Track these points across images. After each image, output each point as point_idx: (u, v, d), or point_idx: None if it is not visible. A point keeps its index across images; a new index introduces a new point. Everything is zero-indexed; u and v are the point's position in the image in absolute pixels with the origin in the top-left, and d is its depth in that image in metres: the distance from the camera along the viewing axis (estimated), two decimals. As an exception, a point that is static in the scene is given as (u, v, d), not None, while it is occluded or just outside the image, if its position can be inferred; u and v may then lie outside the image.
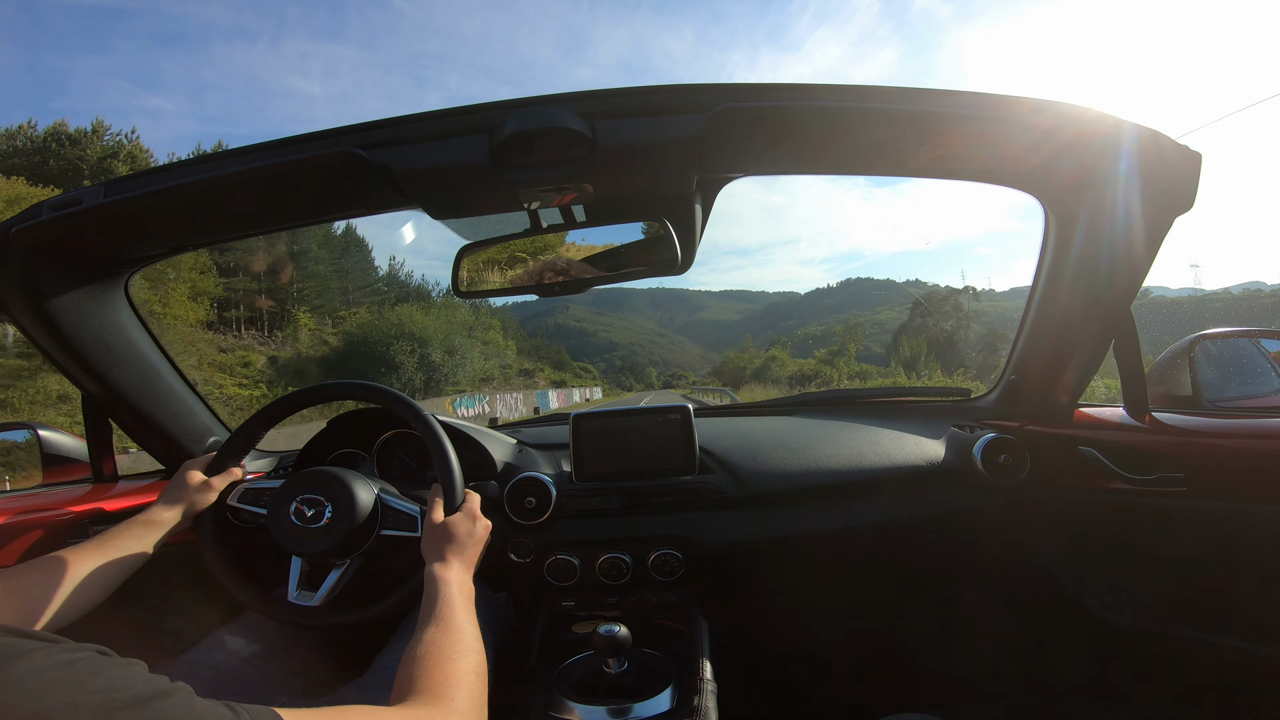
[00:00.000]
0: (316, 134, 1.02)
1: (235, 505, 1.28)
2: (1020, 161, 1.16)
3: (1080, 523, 1.49)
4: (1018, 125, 1.02)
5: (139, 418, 1.48)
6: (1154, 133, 1.02)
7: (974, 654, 1.69)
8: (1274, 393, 1.44)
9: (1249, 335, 1.46)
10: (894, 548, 1.59)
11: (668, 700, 1.20)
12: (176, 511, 1.19)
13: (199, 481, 1.24)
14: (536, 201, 1.13)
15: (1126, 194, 1.12)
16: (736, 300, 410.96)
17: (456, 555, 1.08)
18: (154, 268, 1.46)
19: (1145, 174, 1.08)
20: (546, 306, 79.97)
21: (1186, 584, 1.34)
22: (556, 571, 1.47)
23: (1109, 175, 1.12)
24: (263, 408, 1.34)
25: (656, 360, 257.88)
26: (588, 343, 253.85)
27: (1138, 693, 1.45)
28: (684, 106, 0.96)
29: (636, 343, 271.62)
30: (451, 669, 0.83)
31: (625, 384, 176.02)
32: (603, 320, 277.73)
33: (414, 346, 42.57)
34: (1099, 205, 1.20)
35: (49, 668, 0.46)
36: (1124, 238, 1.19)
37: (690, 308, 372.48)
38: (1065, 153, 1.09)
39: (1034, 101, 1.00)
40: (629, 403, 1.84)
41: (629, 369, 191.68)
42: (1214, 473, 1.24)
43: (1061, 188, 1.23)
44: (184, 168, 1.05)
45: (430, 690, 0.78)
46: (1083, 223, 1.26)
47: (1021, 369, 1.59)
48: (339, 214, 1.23)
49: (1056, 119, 1.02)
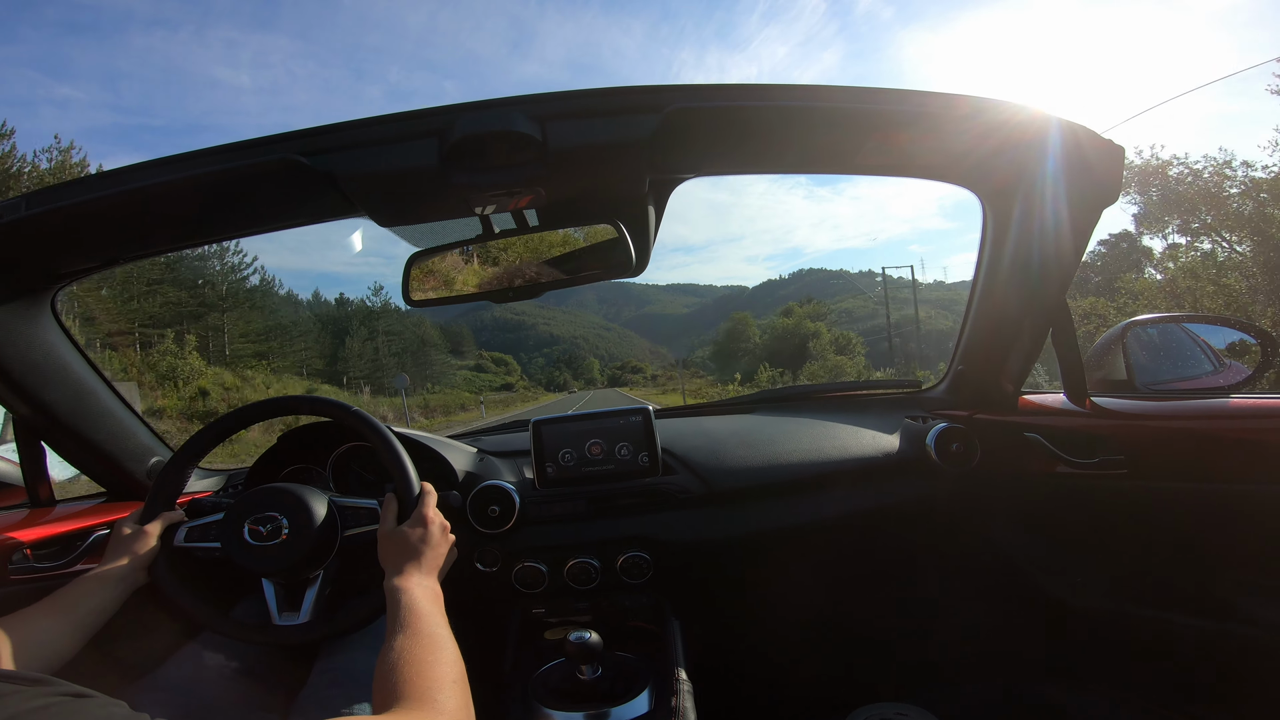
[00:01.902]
0: (256, 140, 0.99)
1: (184, 546, 1.21)
2: (959, 158, 1.19)
3: (1030, 507, 1.55)
4: (956, 123, 1.05)
5: (74, 439, 1.41)
6: (1081, 128, 1.06)
7: (940, 640, 1.74)
8: (1204, 374, 1.51)
9: (1176, 320, 1.54)
10: (856, 539, 1.62)
11: (645, 702, 1.20)
12: (123, 567, 1.12)
13: (134, 534, 1.16)
14: (488, 206, 1.12)
15: (1056, 188, 1.16)
16: (685, 294, 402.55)
17: (413, 561, 1.06)
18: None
19: (1074, 168, 1.12)
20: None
21: (1134, 563, 1.40)
22: (525, 579, 1.46)
23: (1040, 170, 1.16)
24: (184, 444, 1.26)
25: (602, 354, 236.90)
26: (525, 336, 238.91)
27: (1095, 671, 1.50)
28: (637, 107, 0.96)
29: (581, 336, 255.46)
30: (430, 673, 0.81)
31: (558, 381, 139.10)
32: (544, 314, 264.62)
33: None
34: (1031, 199, 1.24)
35: (30, 711, 0.46)
36: (1055, 230, 1.24)
37: (638, 302, 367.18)
38: (1000, 149, 1.12)
39: (972, 100, 1.03)
40: (557, 407, 1.75)
41: (566, 363, 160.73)
42: (1152, 454, 1.30)
43: (997, 183, 1.28)
44: (114, 177, 1.00)
45: (412, 696, 0.77)
46: (1017, 216, 1.30)
47: (968, 359, 1.65)
48: (281, 223, 1.20)
49: (992, 116, 1.05)
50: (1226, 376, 1.43)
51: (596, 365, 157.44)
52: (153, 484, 1.24)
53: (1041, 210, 1.23)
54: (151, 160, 1.00)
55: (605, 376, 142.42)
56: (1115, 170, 1.10)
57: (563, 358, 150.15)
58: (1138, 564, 1.39)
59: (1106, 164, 1.10)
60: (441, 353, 77.46)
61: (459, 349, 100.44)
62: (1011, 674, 1.62)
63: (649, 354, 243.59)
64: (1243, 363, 1.42)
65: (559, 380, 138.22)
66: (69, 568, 1.31)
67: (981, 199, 1.35)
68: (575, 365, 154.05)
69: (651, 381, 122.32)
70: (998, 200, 1.33)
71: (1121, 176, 1.10)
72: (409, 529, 1.10)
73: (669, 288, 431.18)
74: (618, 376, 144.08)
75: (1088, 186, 1.14)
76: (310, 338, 51.62)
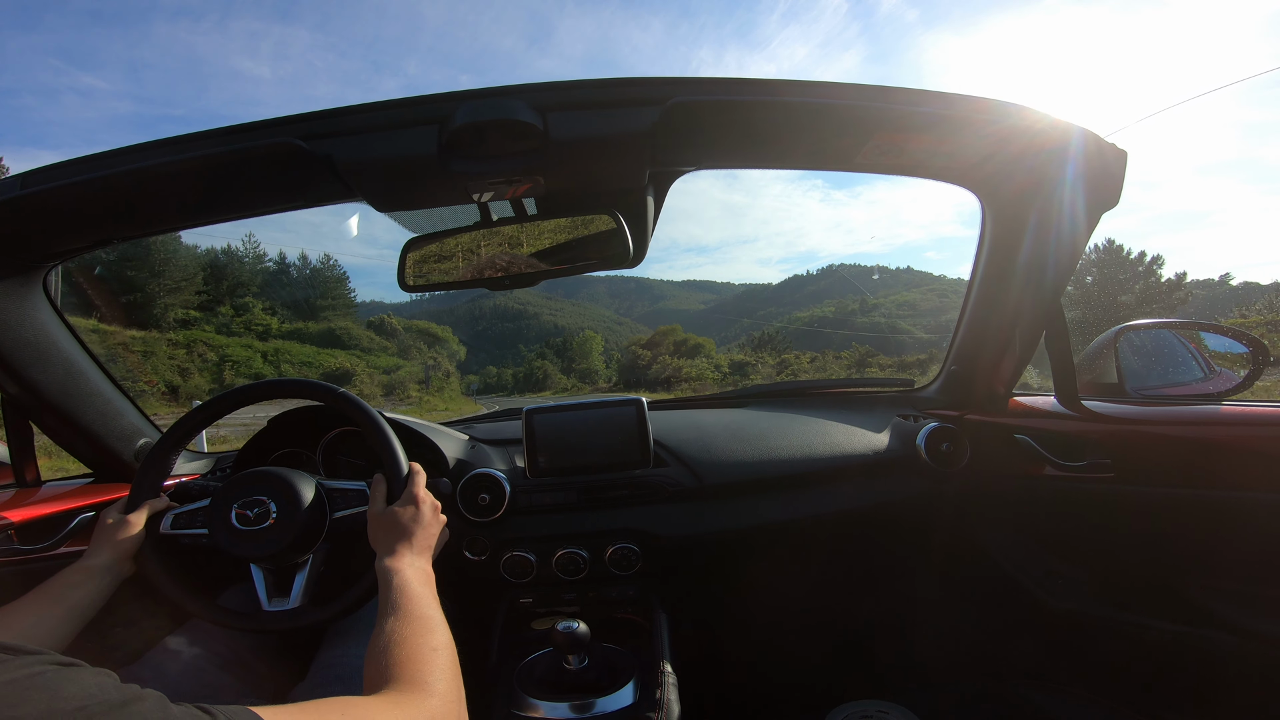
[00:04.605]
0: (255, 124, 0.98)
1: (171, 534, 1.19)
2: (960, 159, 1.19)
3: (1018, 508, 1.56)
4: (961, 124, 1.05)
5: (63, 419, 1.40)
6: (1089, 133, 1.06)
7: (923, 639, 1.75)
8: (1194, 381, 1.52)
9: (1170, 326, 1.55)
10: (845, 537, 1.63)
11: (630, 694, 1.20)
12: (109, 558, 1.11)
13: (118, 524, 1.15)
14: (487, 194, 1.11)
15: (1062, 193, 1.16)
16: (701, 290, 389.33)
17: (404, 542, 1.05)
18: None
19: (1080, 173, 1.11)
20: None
21: (1118, 568, 1.41)
22: (513, 568, 1.46)
23: (1046, 175, 1.16)
24: (168, 430, 1.25)
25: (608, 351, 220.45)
26: (527, 326, 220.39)
27: (1078, 675, 1.51)
28: (638, 99, 0.96)
29: (589, 328, 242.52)
30: (421, 655, 0.81)
31: (536, 375, 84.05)
32: (550, 304, 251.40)
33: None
34: (1034, 203, 1.25)
35: (22, 678, 0.47)
36: (1056, 234, 1.25)
37: (651, 297, 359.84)
38: (1006, 153, 1.12)
39: (976, 100, 1.02)
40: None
41: (557, 351, 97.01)
42: (1140, 459, 1.31)
43: (999, 186, 1.28)
44: (110, 158, 0.99)
45: (403, 678, 0.77)
46: (1017, 220, 1.31)
47: (961, 360, 1.65)
48: (279, 207, 1.19)
49: (997, 118, 1.04)
50: (1216, 384, 1.44)
51: (598, 347, 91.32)
52: (138, 470, 1.23)
53: (1046, 214, 1.23)
54: (149, 142, 0.99)
55: (613, 370, 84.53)
56: (1118, 175, 1.10)
57: (552, 344, 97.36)
58: (1121, 568, 1.40)
59: (1110, 169, 1.10)
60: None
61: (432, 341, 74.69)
62: (993, 674, 1.64)
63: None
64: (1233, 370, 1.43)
65: (537, 374, 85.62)
66: (54, 550, 1.30)
67: (982, 201, 1.36)
68: (567, 353, 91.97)
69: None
70: (998, 204, 1.33)
71: (1123, 181, 1.10)
72: (399, 509, 1.09)
73: (685, 283, 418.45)
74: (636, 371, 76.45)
75: (1090, 192, 1.15)
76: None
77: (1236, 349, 1.45)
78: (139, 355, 37.82)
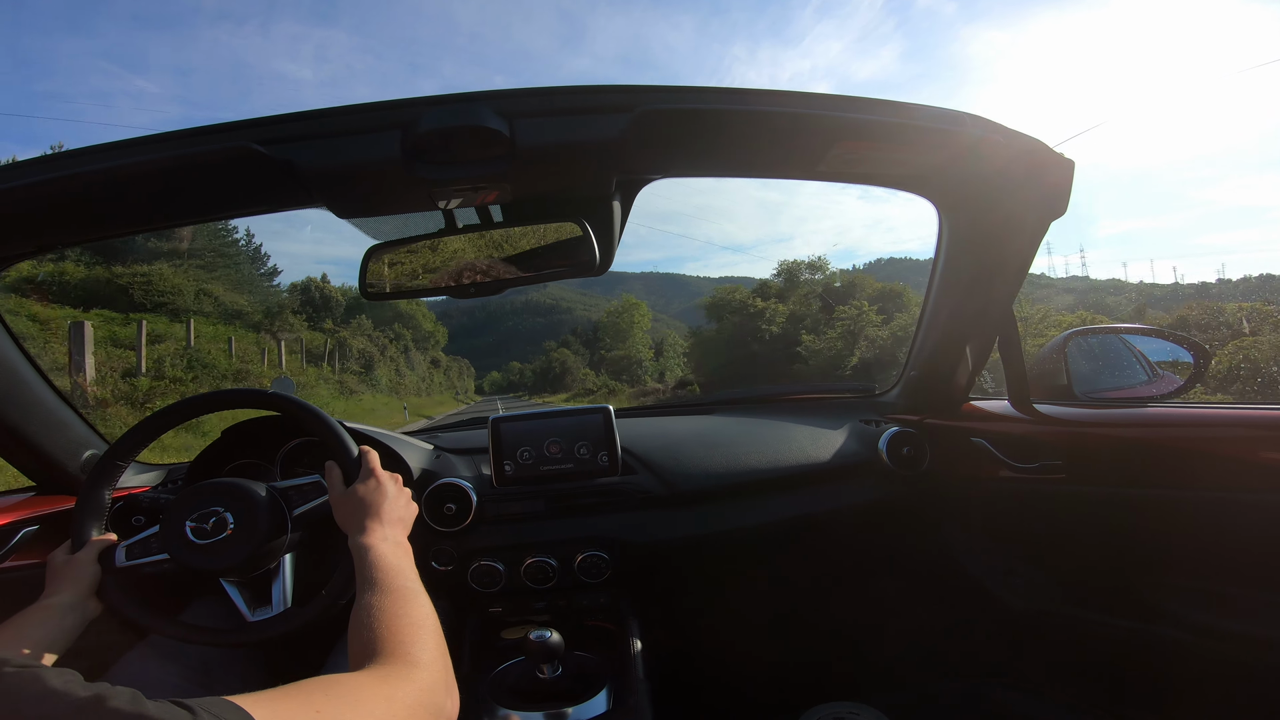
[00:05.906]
0: (211, 127, 0.95)
1: (128, 566, 1.12)
2: (917, 167, 1.22)
3: (977, 509, 1.60)
4: (918, 133, 1.07)
5: (3, 430, 1.33)
6: (1039, 143, 1.09)
7: (893, 640, 1.78)
8: (1140, 384, 1.59)
9: (1116, 331, 1.61)
10: (812, 541, 1.65)
11: (604, 702, 1.20)
12: (71, 595, 1.04)
13: (68, 564, 1.08)
14: (452, 200, 1.10)
15: (1010, 201, 1.20)
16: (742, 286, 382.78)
17: (372, 518, 1.03)
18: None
19: (1027, 182, 1.15)
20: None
21: (1075, 566, 1.45)
22: (481, 578, 1.44)
23: (996, 185, 1.20)
24: (111, 446, 1.19)
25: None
26: (560, 321, 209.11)
27: (1039, 673, 1.55)
28: (606, 107, 0.96)
29: (629, 295, 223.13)
30: (402, 627, 0.81)
31: (554, 371, 63.36)
32: (585, 299, 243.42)
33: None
34: (986, 212, 1.28)
35: None
36: (1006, 242, 1.29)
37: (688, 293, 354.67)
38: (960, 162, 1.15)
39: (934, 110, 1.05)
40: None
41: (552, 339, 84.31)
42: (1088, 460, 1.36)
43: (954, 195, 1.31)
44: (54, 162, 0.95)
45: (386, 651, 0.76)
46: (971, 228, 1.35)
47: (919, 365, 1.69)
48: (236, 212, 1.16)
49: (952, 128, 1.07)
50: (1159, 386, 1.51)
51: (643, 323, 53.66)
52: (77, 501, 1.16)
53: (995, 222, 1.27)
54: (96, 145, 0.95)
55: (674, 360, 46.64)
56: (1064, 184, 1.13)
57: (579, 333, 75.92)
58: (1077, 566, 1.45)
59: (1056, 178, 1.13)
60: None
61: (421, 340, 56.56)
62: (962, 674, 1.67)
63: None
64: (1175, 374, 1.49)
65: (555, 368, 70.79)
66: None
67: (938, 209, 1.39)
68: (596, 345, 68.34)
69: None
70: (951, 212, 1.37)
71: (1070, 190, 1.14)
72: (360, 485, 1.08)
73: (723, 280, 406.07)
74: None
75: (1037, 200, 1.18)
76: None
77: (1181, 354, 1.52)
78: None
